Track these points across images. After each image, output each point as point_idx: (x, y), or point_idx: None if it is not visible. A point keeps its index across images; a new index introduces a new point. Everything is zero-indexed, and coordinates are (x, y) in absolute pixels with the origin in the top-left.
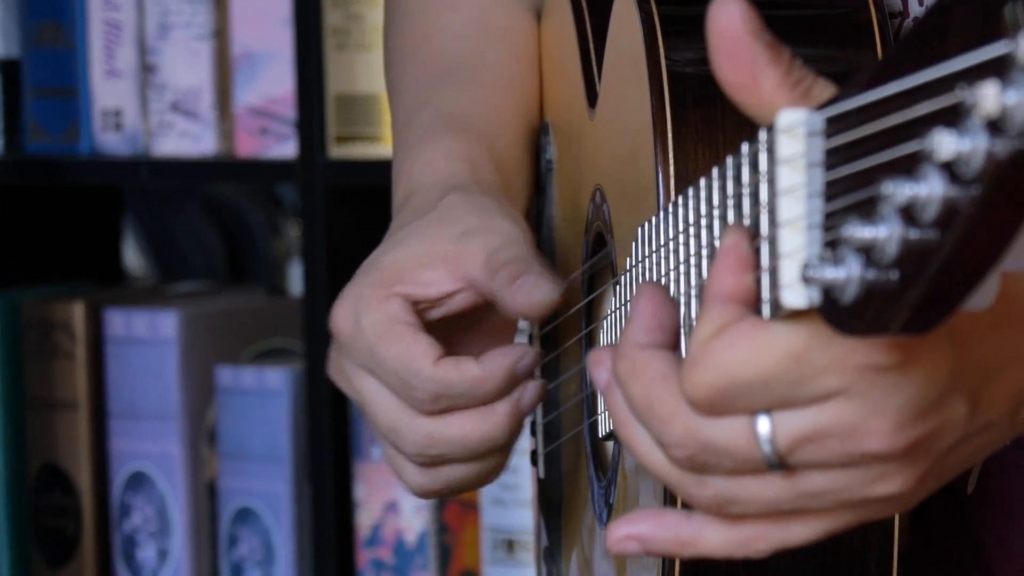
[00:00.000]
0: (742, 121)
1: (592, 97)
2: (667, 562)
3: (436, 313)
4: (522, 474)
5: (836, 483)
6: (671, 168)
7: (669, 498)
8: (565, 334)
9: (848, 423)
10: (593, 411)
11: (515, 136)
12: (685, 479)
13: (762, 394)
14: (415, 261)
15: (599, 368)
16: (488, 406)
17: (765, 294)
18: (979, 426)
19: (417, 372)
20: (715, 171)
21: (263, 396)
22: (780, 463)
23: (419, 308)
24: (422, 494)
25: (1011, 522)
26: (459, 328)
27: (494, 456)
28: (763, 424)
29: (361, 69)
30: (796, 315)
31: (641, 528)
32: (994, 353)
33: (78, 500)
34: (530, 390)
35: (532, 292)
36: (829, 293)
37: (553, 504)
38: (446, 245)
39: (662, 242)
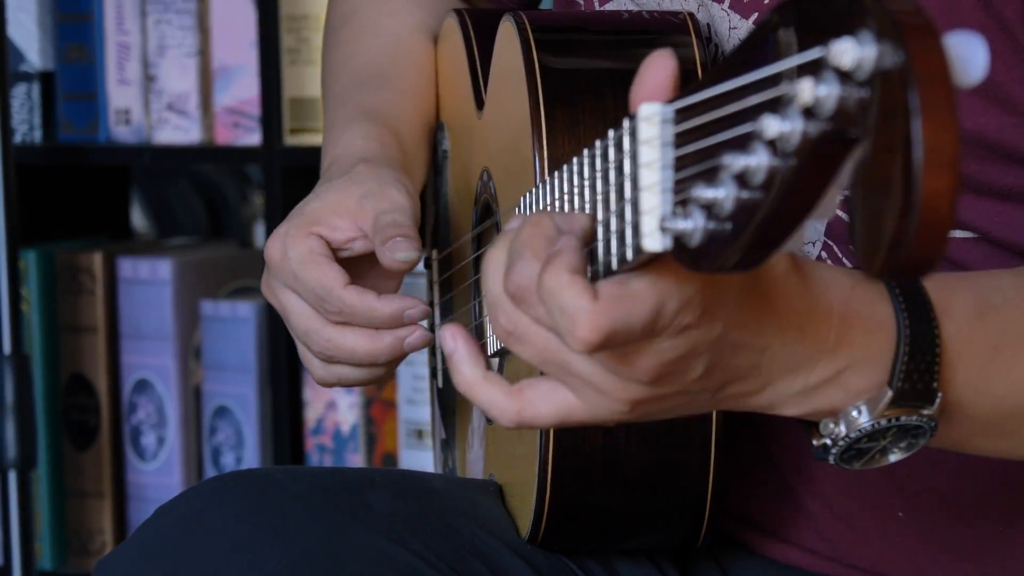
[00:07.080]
0: (596, 118)
1: (480, 102)
2: (543, 442)
3: (343, 254)
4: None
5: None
6: (545, 151)
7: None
8: (459, 280)
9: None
10: (481, 336)
11: (415, 128)
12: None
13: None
14: (328, 210)
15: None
16: (377, 332)
17: (629, 240)
18: (696, 389)
19: (329, 290)
20: (586, 152)
21: (236, 323)
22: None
23: (332, 248)
24: (322, 383)
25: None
26: (362, 269)
27: (377, 369)
28: None
29: (309, 79)
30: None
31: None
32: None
33: (97, 400)
34: (416, 336)
35: (395, 251)
36: (679, 240)
37: (449, 407)
38: (351, 202)
39: (541, 207)
